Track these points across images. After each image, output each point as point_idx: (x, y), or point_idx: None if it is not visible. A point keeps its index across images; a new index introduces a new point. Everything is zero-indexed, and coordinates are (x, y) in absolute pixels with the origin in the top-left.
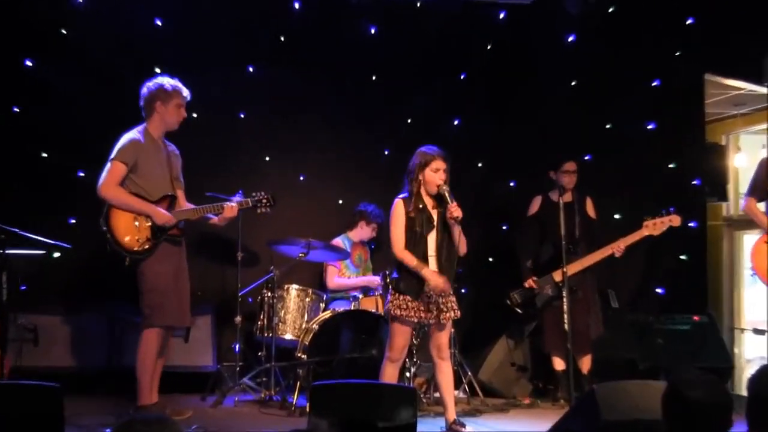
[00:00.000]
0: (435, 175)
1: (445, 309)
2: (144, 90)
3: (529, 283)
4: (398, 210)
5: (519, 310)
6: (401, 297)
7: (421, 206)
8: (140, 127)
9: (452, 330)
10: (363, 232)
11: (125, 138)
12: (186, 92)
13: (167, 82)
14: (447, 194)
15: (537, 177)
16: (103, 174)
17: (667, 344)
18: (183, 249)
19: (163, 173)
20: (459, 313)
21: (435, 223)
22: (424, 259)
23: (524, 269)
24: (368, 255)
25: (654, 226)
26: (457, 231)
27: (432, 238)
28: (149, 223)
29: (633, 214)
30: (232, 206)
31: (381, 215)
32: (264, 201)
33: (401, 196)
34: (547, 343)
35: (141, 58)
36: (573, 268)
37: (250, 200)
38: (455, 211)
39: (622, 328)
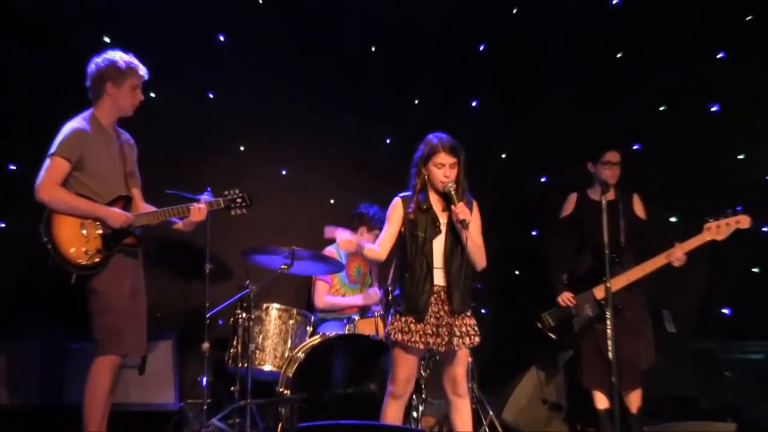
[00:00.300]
0: (439, 171)
1: (458, 333)
2: (91, 67)
3: (565, 300)
4: (394, 210)
5: (552, 335)
6: (403, 318)
7: (425, 207)
8: (86, 114)
9: (470, 360)
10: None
11: (68, 128)
12: (143, 70)
13: (120, 57)
14: (452, 193)
15: (573, 171)
16: (42, 172)
17: (737, 378)
18: (140, 263)
19: (116, 169)
20: (478, 339)
21: (442, 227)
22: (428, 271)
23: (558, 284)
24: (368, 268)
25: (718, 229)
26: (465, 237)
27: (438, 246)
28: (100, 231)
29: (691, 215)
30: (200, 208)
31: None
32: (239, 201)
33: (403, 193)
34: (587, 376)
35: (87, 23)
36: (618, 283)
37: (222, 200)
38: (460, 212)
39: (679, 357)
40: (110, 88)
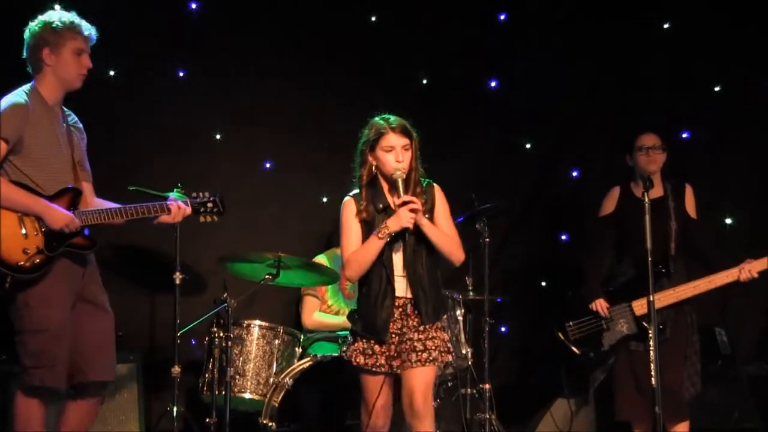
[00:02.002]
0: (389, 156)
1: (419, 348)
2: (26, 34)
3: (599, 307)
4: (346, 212)
5: (575, 350)
6: (363, 340)
7: (381, 205)
8: (26, 87)
9: (434, 375)
10: None
11: (4, 102)
12: (88, 30)
13: (58, 17)
14: (400, 182)
15: (612, 163)
16: None
17: None
18: (93, 269)
19: (63, 156)
20: (448, 357)
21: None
22: (387, 282)
23: (592, 288)
24: None
25: None
26: (427, 227)
27: (397, 251)
28: (43, 227)
29: (753, 217)
30: (179, 206)
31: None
32: (209, 206)
33: (352, 192)
34: (622, 406)
35: None
36: (664, 300)
37: (191, 203)
38: (408, 202)
39: (735, 384)
40: (48, 55)
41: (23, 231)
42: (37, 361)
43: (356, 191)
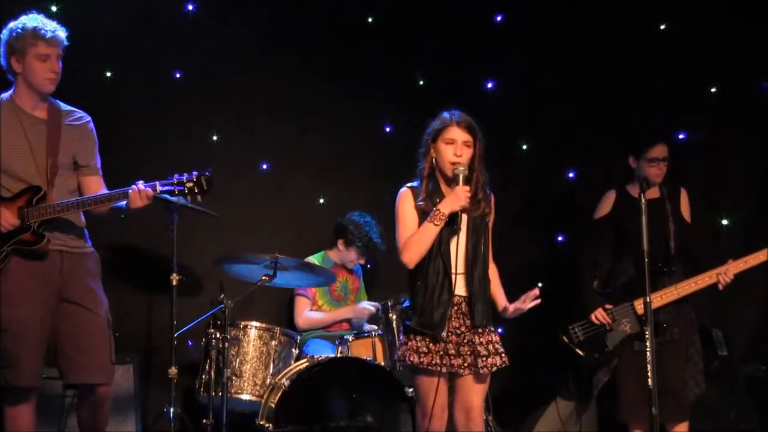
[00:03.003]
0: (448, 148)
1: (483, 352)
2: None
3: (599, 318)
4: (403, 203)
5: (580, 352)
6: (418, 337)
7: (438, 199)
8: (6, 94)
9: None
10: (344, 254)
11: None
12: (50, 33)
13: (22, 24)
14: (462, 177)
15: (609, 164)
16: None
17: None
18: (80, 270)
19: (30, 158)
20: (506, 358)
21: (462, 224)
22: (445, 276)
23: (590, 294)
24: (359, 283)
25: None
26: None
27: (459, 249)
28: None
29: (749, 218)
30: (139, 191)
31: (367, 238)
32: (190, 185)
33: (410, 183)
34: (625, 407)
35: None
36: (666, 297)
37: (159, 184)
38: (460, 197)
39: (733, 385)
40: (15, 63)
41: None
42: (2, 361)
43: (414, 183)
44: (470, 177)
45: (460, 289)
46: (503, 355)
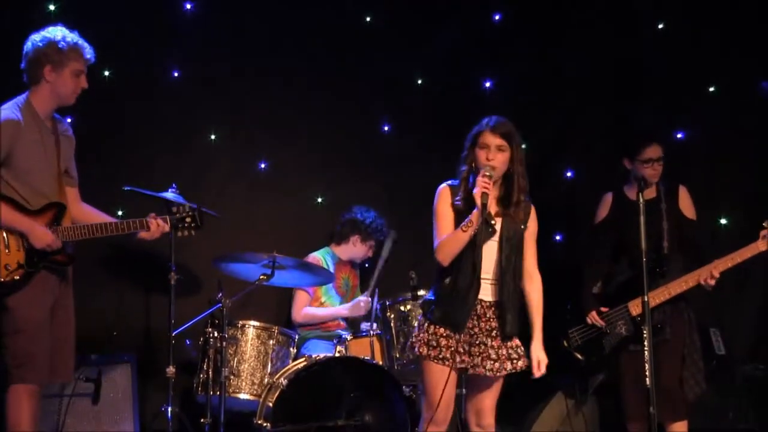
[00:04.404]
0: (482, 153)
1: (494, 356)
2: (28, 46)
3: (593, 318)
4: (441, 200)
5: (579, 356)
6: (432, 329)
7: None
8: (20, 99)
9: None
10: (356, 250)
11: None
12: (90, 53)
13: (63, 37)
14: (487, 173)
15: (607, 164)
16: None
17: None
18: (68, 280)
19: (49, 170)
20: (520, 363)
21: (497, 228)
22: (475, 279)
23: (587, 297)
24: (357, 280)
25: None
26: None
27: (490, 252)
28: (25, 244)
29: (747, 218)
30: (157, 223)
31: (384, 229)
32: (187, 220)
33: (450, 181)
34: (623, 407)
35: None
36: (658, 297)
37: (169, 219)
38: (478, 185)
39: (731, 385)
40: (49, 72)
41: (6, 246)
42: (17, 360)
43: (454, 182)
44: (508, 179)
45: (485, 294)
46: (515, 361)
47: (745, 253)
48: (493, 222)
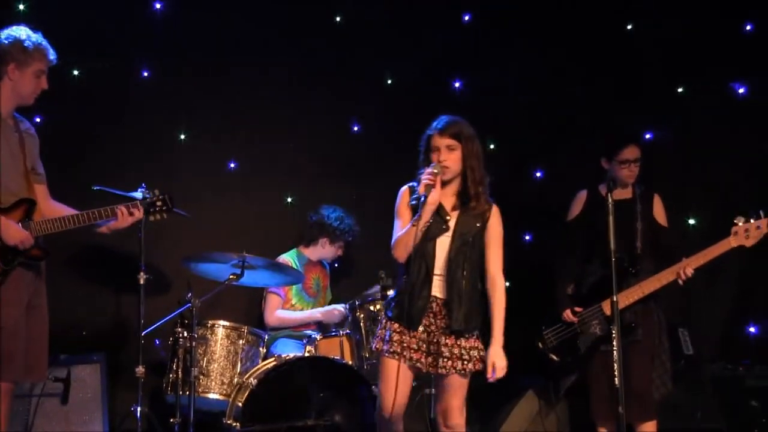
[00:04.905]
0: (434, 156)
1: (447, 354)
2: None
3: (568, 316)
4: (401, 200)
5: (554, 357)
6: (389, 324)
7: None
8: None
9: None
10: (325, 251)
11: None
12: (53, 54)
13: (27, 36)
14: (435, 169)
15: (578, 163)
16: None
17: (766, 407)
18: (42, 275)
19: (15, 168)
20: (477, 365)
21: (450, 224)
22: (426, 275)
23: (561, 297)
24: (328, 280)
25: (746, 233)
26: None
27: (442, 248)
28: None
29: (715, 217)
30: (131, 212)
31: (352, 229)
32: (158, 204)
33: (412, 182)
34: (593, 406)
35: None
36: (631, 296)
37: (140, 203)
38: (423, 180)
39: (699, 384)
40: (12, 71)
41: None
42: None
43: (415, 183)
44: (464, 175)
45: (437, 290)
46: (467, 362)
47: (717, 249)
48: (447, 218)
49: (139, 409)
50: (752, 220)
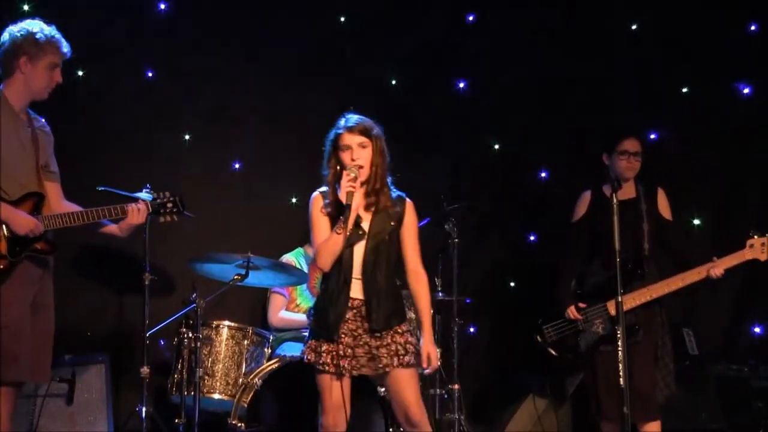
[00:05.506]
0: (345, 155)
1: (384, 353)
2: (5, 37)
3: (572, 312)
4: (313, 207)
5: (553, 352)
6: (314, 338)
7: (346, 203)
8: None
9: (417, 379)
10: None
11: None
12: (66, 47)
13: (40, 29)
14: (352, 172)
15: (582, 163)
16: None
17: None
18: (49, 272)
19: (27, 161)
20: (409, 358)
21: (365, 229)
22: (344, 282)
23: (564, 293)
24: None
25: (762, 248)
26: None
27: (359, 252)
28: (5, 233)
29: (720, 218)
30: (138, 208)
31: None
32: (169, 205)
33: (321, 188)
34: (595, 407)
35: None
36: (638, 299)
37: (151, 204)
38: (343, 187)
39: (703, 385)
40: (24, 64)
41: None
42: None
43: (325, 188)
44: (373, 175)
45: (357, 292)
46: (403, 356)
47: (730, 260)
48: (361, 221)
49: (143, 409)
50: None
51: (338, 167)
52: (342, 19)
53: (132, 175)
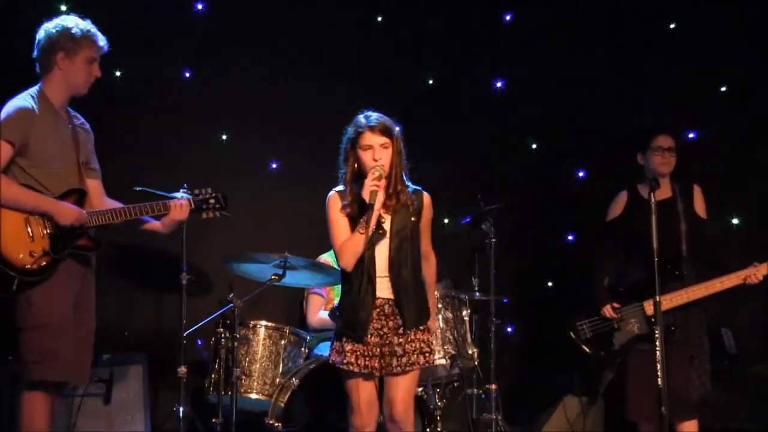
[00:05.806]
0: (367, 154)
1: (400, 352)
2: (41, 35)
3: (608, 311)
4: (331, 207)
5: (586, 349)
6: (343, 338)
7: (367, 203)
8: (33, 90)
9: (415, 381)
10: None
11: (11, 106)
12: (102, 41)
13: (75, 24)
14: (376, 171)
15: (620, 163)
16: None
17: None
18: (92, 271)
19: (67, 157)
20: (432, 358)
21: (386, 229)
22: (368, 281)
23: (600, 291)
24: None
25: None
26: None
27: (382, 250)
28: (48, 230)
29: (759, 218)
30: (181, 204)
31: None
32: (211, 202)
33: (338, 188)
34: (631, 406)
35: None
36: (675, 300)
37: (193, 200)
38: (367, 186)
39: (742, 385)
40: (61, 60)
41: (29, 233)
42: (38, 356)
43: (341, 187)
44: (390, 174)
45: (383, 291)
46: (428, 354)
47: None
48: (382, 221)
49: (181, 409)
50: None
51: (356, 165)
52: (379, 18)
53: (169, 176)
